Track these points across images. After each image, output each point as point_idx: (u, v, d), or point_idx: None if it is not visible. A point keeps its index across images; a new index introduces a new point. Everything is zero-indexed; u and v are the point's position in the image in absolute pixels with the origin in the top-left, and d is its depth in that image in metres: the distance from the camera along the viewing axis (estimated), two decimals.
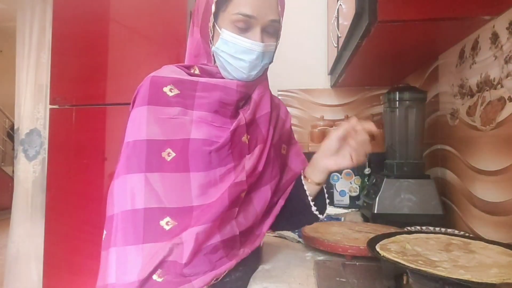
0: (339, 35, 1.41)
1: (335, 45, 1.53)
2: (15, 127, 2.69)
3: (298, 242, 1.07)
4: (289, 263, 0.89)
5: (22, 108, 2.62)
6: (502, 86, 0.90)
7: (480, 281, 0.55)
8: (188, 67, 0.84)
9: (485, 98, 0.99)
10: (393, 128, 1.27)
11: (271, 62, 0.86)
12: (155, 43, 1.74)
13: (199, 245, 0.72)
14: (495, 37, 0.94)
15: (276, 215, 0.86)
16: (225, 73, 0.82)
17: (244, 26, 0.77)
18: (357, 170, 1.57)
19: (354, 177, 1.57)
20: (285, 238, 1.11)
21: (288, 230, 1.13)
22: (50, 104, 1.94)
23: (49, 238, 1.91)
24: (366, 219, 1.30)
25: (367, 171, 1.53)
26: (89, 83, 1.83)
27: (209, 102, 0.79)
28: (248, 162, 0.80)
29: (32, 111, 2.59)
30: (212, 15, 0.78)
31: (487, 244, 0.75)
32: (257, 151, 0.82)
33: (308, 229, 1.04)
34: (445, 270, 0.59)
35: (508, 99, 0.88)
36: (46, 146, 2.36)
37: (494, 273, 0.58)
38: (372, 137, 0.80)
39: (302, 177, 0.89)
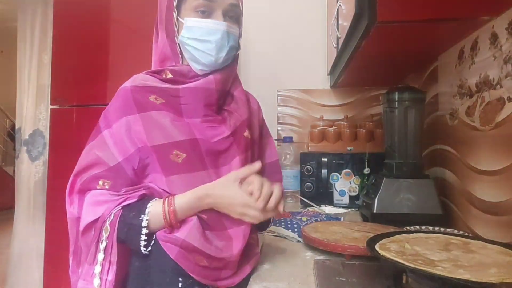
0: (339, 36, 1.41)
1: (335, 45, 1.54)
2: (17, 127, 2.69)
3: (298, 241, 1.07)
4: (289, 262, 0.89)
5: (24, 108, 2.63)
6: (501, 86, 0.91)
7: (479, 280, 0.55)
8: (158, 73, 0.85)
9: (484, 98, 0.99)
10: (393, 128, 1.27)
11: (238, 49, 0.88)
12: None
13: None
14: (494, 38, 0.94)
15: None
16: (195, 64, 0.84)
17: (206, 10, 0.81)
18: (357, 170, 1.57)
19: (353, 177, 1.57)
20: (285, 237, 1.11)
21: None
22: (51, 104, 1.94)
23: (49, 238, 1.91)
24: (365, 219, 1.30)
25: (366, 171, 1.53)
26: (89, 83, 1.84)
27: (196, 109, 0.82)
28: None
29: (35, 112, 2.60)
30: (174, 9, 0.82)
31: (487, 243, 0.75)
32: (244, 151, 0.86)
33: (308, 229, 1.04)
34: (444, 269, 0.59)
35: (507, 99, 0.88)
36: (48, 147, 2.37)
37: (493, 273, 0.58)
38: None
39: None
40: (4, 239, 4.18)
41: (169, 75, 0.84)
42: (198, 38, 0.81)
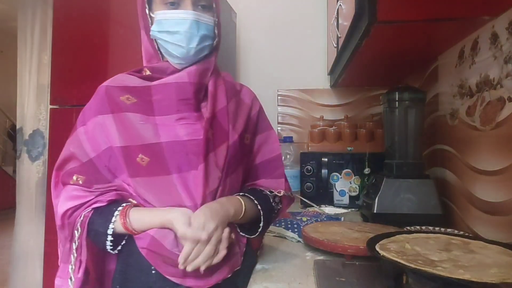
0: (339, 36, 1.41)
1: (335, 45, 1.54)
2: (17, 127, 2.69)
3: (298, 241, 1.07)
4: (289, 262, 0.89)
5: (24, 108, 2.63)
6: (501, 86, 0.91)
7: (479, 280, 0.55)
8: (139, 71, 0.86)
9: (485, 98, 0.99)
10: (393, 128, 1.27)
11: (214, 38, 0.85)
12: None
13: None
14: (494, 38, 0.94)
15: None
16: (171, 58, 0.83)
17: (175, 1, 0.80)
18: (357, 170, 1.57)
19: (353, 177, 1.57)
20: (285, 238, 1.11)
21: None
22: (51, 104, 1.94)
23: (49, 238, 1.91)
24: (365, 219, 1.30)
25: (366, 171, 1.53)
26: (89, 83, 1.81)
27: (169, 105, 0.80)
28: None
29: (35, 112, 2.60)
30: (146, 5, 0.83)
31: (487, 244, 0.75)
32: (222, 150, 0.81)
33: (308, 229, 1.04)
34: (444, 270, 0.59)
35: (507, 99, 0.88)
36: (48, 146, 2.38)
37: (493, 273, 0.58)
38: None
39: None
40: (4, 239, 4.19)
41: (148, 73, 0.85)
42: (167, 30, 0.80)
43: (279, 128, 2.08)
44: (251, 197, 0.85)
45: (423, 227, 1.06)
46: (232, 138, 0.83)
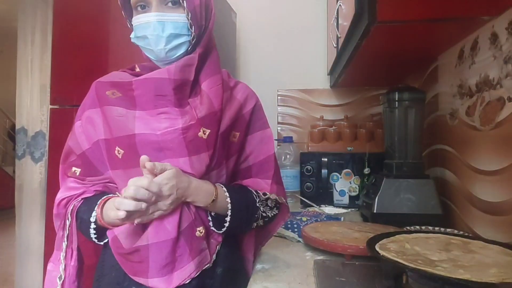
0: (339, 36, 1.41)
1: (335, 45, 1.54)
2: (18, 127, 2.69)
3: (298, 241, 1.07)
4: (289, 262, 0.89)
5: (25, 109, 2.63)
6: (501, 86, 0.91)
7: (479, 280, 0.55)
8: (132, 68, 0.88)
9: (485, 98, 0.99)
10: (393, 128, 1.27)
11: (189, 36, 0.81)
12: None
13: None
14: (494, 38, 0.94)
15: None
16: (151, 60, 0.84)
17: (143, 3, 0.79)
18: (357, 170, 1.57)
19: (353, 177, 1.57)
20: (285, 237, 1.11)
21: None
22: (51, 104, 1.94)
23: (49, 237, 1.91)
24: (365, 219, 1.30)
25: (366, 171, 1.53)
26: (89, 83, 1.83)
27: (147, 100, 0.79)
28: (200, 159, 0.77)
29: (37, 113, 2.60)
30: (122, 12, 0.83)
31: (487, 243, 0.75)
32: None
33: (308, 229, 1.04)
34: (444, 269, 0.59)
35: (507, 99, 0.88)
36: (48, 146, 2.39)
37: (493, 273, 0.58)
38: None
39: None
40: (4, 239, 4.19)
41: (137, 70, 0.86)
42: (139, 36, 0.80)
43: (279, 128, 2.08)
44: (224, 188, 0.81)
45: (423, 227, 1.06)
46: (221, 137, 0.80)
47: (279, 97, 2.09)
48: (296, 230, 1.12)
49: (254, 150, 0.89)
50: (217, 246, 0.81)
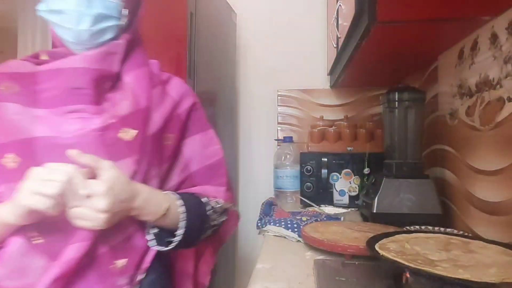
0: (339, 36, 1.41)
1: (335, 45, 1.54)
2: None
3: (298, 241, 1.07)
4: (289, 262, 0.89)
5: None
6: (501, 87, 0.91)
7: (479, 280, 0.55)
8: (35, 56, 0.73)
9: (484, 98, 0.99)
10: (392, 128, 1.27)
11: (118, 19, 0.70)
12: (155, 43, 1.74)
13: None
14: (494, 38, 0.94)
15: None
16: (67, 43, 0.69)
17: None
18: (357, 170, 1.57)
19: (353, 177, 1.57)
20: (285, 237, 1.11)
21: None
22: None
23: None
24: (365, 219, 1.30)
25: (366, 171, 1.54)
26: None
27: (55, 95, 0.66)
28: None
29: None
30: None
31: (486, 243, 0.75)
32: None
33: (308, 229, 1.04)
34: (444, 269, 0.59)
35: (507, 99, 0.88)
36: None
37: (493, 273, 0.58)
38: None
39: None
40: None
41: (44, 57, 0.71)
42: (52, 9, 0.65)
43: (279, 128, 2.08)
44: (176, 195, 0.70)
45: (423, 227, 1.06)
46: (149, 139, 0.69)
47: (279, 97, 2.09)
48: (296, 230, 1.12)
49: (195, 155, 0.79)
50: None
